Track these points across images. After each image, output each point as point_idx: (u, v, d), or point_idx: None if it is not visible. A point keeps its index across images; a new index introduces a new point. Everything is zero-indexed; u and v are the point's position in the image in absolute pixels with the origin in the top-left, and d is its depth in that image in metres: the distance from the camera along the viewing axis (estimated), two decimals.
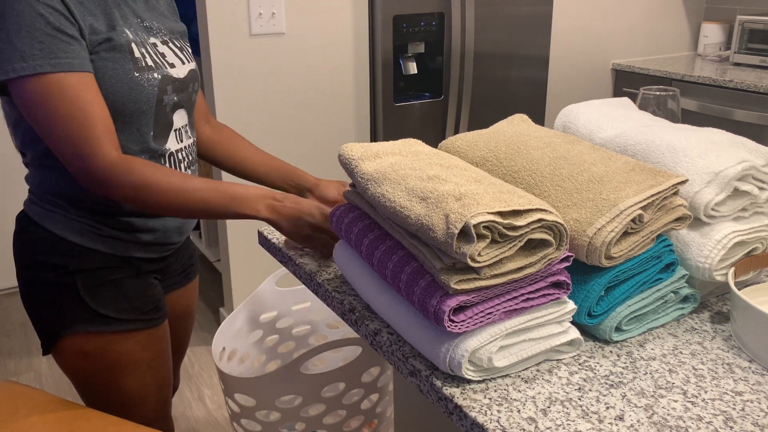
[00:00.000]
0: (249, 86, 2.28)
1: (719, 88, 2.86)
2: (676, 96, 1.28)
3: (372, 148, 0.95)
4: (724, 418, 0.73)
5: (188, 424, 2.20)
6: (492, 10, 2.63)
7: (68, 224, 1.15)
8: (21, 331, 2.77)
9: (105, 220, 1.16)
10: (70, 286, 1.15)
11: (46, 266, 1.15)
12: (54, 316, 1.16)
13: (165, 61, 1.15)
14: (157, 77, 1.12)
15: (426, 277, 0.79)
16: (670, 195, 0.86)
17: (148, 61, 1.11)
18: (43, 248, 1.15)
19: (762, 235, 0.92)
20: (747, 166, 0.90)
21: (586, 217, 0.83)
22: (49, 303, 1.16)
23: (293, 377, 1.40)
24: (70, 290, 1.15)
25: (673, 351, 0.85)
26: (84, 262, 1.15)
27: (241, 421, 1.50)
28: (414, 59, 2.56)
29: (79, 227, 1.15)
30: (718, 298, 0.98)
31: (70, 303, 1.15)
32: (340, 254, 1.00)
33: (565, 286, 0.80)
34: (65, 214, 1.15)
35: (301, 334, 1.77)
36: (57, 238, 1.14)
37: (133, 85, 1.08)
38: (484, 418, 0.72)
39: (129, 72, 1.07)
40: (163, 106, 1.15)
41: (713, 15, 3.50)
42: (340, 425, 1.52)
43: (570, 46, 3.13)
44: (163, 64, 1.14)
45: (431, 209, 0.77)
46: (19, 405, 1.11)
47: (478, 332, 0.76)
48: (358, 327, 0.94)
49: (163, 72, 1.13)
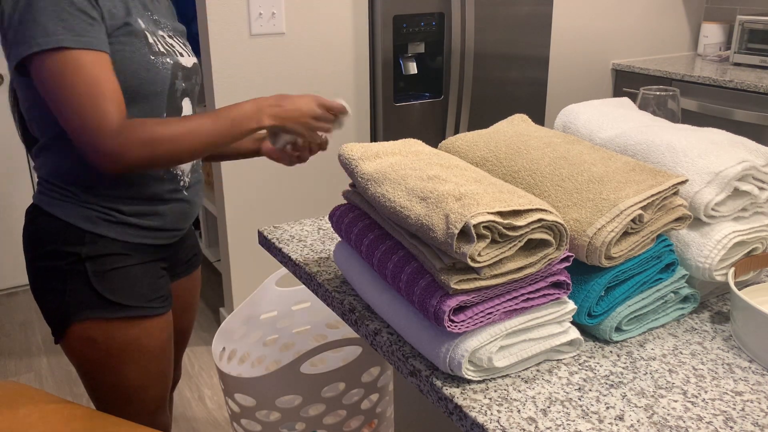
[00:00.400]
0: (249, 86, 2.28)
1: (719, 88, 2.86)
2: (676, 96, 1.28)
3: (372, 148, 0.95)
4: (724, 418, 0.73)
5: (188, 424, 2.20)
6: (492, 10, 2.63)
7: (79, 211, 1.17)
8: (21, 331, 2.77)
9: (115, 206, 1.19)
10: (80, 274, 1.17)
11: (57, 254, 1.17)
12: (63, 304, 1.19)
13: (174, 50, 1.21)
14: (169, 62, 1.17)
15: (426, 277, 0.79)
16: (670, 195, 0.86)
17: (161, 48, 1.17)
18: (54, 237, 1.18)
19: (762, 235, 0.92)
20: (747, 166, 0.90)
21: (586, 217, 0.83)
22: (59, 291, 1.19)
23: (293, 377, 1.40)
24: (80, 277, 1.18)
25: (673, 351, 0.85)
26: (94, 249, 1.18)
27: (241, 421, 1.50)
28: (414, 59, 2.56)
29: (89, 214, 1.17)
30: (718, 298, 0.98)
31: (80, 289, 1.18)
32: (340, 254, 1.00)
33: (565, 286, 0.80)
34: (76, 201, 1.17)
35: (301, 334, 1.77)
36: (68, 225, 1.17)
37: (149, 67, 1.13)
38: (484, 418, 0.72)
39: (145, 55, 1.12)
40: (174, 91, 1.20)
41: (713, 15, 3.50)
42: (340, 425, 1.52)
43: (570, 46, 3.13)
44: (173, 52, 1.20)
45: (431, 209, 0.77)
46: (19, 405, 1.11)
47: (478, 332, 0.76)
48: (358, 327, 0.94)
49: (174, 59, 1.19)
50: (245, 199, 2.39)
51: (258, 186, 2.40)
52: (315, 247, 1.17)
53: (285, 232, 1.24)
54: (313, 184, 2.51)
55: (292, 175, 2.45)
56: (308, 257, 1.13)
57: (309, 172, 2.49)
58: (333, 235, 1.22)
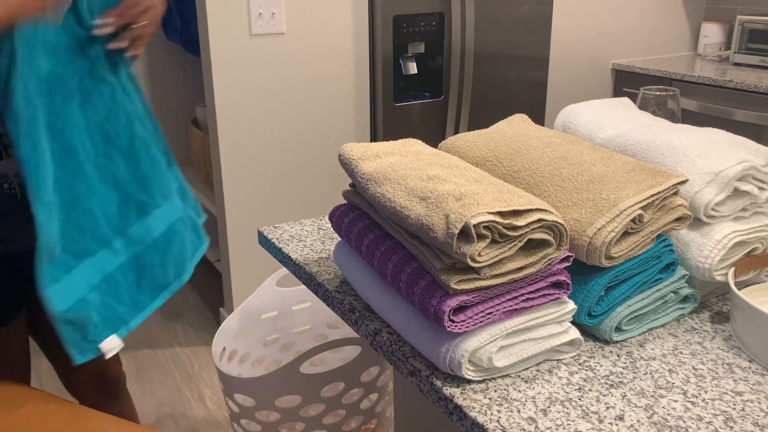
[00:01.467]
0: (249, 86, 2.28)
1: (719, 88, 2.86)
2: (676, 96, 1.28)
3: (372, 148, 0.95)
4: (724, 418, 0.73)
5: (188, 424, 2.20)
6: (492, 10, 2.63)
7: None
8: None
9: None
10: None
11: None
12: None
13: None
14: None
15: (426, 277, 0.79)
16: (670, 195, 0.86)
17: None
18: None
19: (762, 235, 0.92)
20: (747, 166, 0.90)
21: (586, 217, 0.83)
22: None
23: (293, 377, 1.40)
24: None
25: (673, 351, 0.85)
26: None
27: (241, 422, 1.50)
28: (414, 59, 2.56)
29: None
30: (718, 298, 0.98)
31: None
32: (340, 254, 1.00)
33: (565, 286, 0.80)
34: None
35: (301, 334, 1.77)
36: None
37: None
38: (484, 418, 0.72)
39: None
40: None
41: (713, 15, 3.50)
42: (340, 425, 1.52)
43: (570, 46, 3.13)
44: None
45: (431, 209, 0.77)
46: (19, 405, 1.11)
47: (478, 332, 0.76)
48: (358, 327, 0.94)
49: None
50: (245, 199, 2.39)
51: (258, 186, 2.40)
52: (315, 247, 1.17)
53: (285, 232, 1.24)
54: (313, 184, 2.51)
55: (292, 175, 2.46)
56: (308, 257, 1.13)
57: (309, 172, 2.49)
58: (333, 235, 1.22)
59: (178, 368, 2.49)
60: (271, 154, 2.39)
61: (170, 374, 2.45)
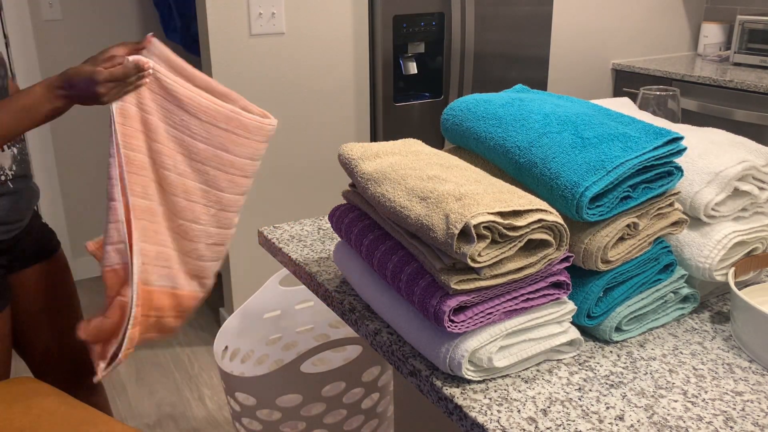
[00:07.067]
0: (249, 86, 2.28)
1: (719, 88, 2.86)
2: (676, 96, 1.28)
3: (372, 148, 0.95)
4: (725, 418, 0.73)
5: (188, 424, 2.20)
6: (492, 10, 2.63)
7: None
8: None
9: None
10: None
11: None
12: None
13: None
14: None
15: (426, 277, 0.79)
16: (665, 206, 0.87)
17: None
18: None
19: (762, 235, 0.93)
20: (747, 166, 0.90)
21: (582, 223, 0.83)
22: None
23: (294, 376, 1.40)
24: None
25: (673, 351, 0.85)
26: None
27: (242, 420, 1.50)
28: (414, 59, 2.56)
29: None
30: (718, 298, 0.98)
31: None
32: (340, 254, 1.00)
33: (565, 286, 0.80)
34: None
35: (303, 333, 1.77)
36: None
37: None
38: (484, 418, 0.73)
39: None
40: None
41: (713, 15, 3.50)
42: (341, 424, 1.52)
43: (570, 46, 3.13)
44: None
45: (431, 209, 0.77)
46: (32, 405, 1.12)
47: (478, 332, 0.76)
48: (358, 327, 0.94)
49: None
50: (245, 199, 2.39)
51: (258, 186, 2.40)
52: (315, 247, 1.17)
53: (285, 232, 1.24)
54: (313, 184, 2.51)
55: (292, 175, 2.46)
56: (308, 257, 1.13)
57: (309, 172, 2.49)
58: (333, 235, 1.22)
59: (178, 368, 2.49)
60: (271, 154, 2.39)
61: (170, 374, 2.46)
